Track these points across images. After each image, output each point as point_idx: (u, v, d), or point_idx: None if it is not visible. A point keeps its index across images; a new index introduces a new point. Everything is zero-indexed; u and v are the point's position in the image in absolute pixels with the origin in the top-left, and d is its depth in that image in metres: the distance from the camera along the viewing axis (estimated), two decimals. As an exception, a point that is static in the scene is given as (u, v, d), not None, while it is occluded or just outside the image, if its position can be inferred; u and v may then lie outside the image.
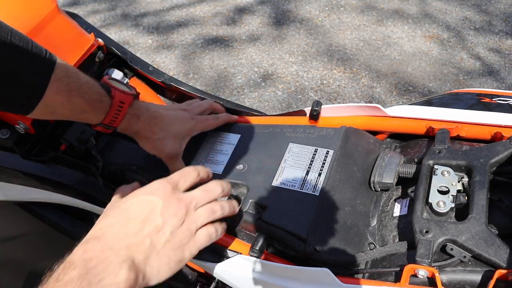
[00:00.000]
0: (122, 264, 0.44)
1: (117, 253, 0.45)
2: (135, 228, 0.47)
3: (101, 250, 0.44)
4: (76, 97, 0.60)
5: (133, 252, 0.46)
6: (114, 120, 0.64)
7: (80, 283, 0.40)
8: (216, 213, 0.54)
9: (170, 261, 0.49)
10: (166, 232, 0.49)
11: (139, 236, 0.47)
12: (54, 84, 0.58)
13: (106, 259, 0.44)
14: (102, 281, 0.42)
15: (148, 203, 0.50)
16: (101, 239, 0.46)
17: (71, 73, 0.60)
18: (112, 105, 0.63)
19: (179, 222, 0.50)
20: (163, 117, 0.68)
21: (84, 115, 0.62)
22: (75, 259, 0.43)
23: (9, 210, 0.85)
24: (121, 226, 0.47)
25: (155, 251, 0.48)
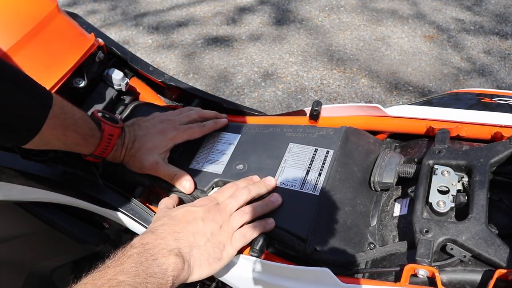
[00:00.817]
0: (170, 252, 0.53)
1: (167, 243, 0.55)
2: (182, 227, 0.58)
3: (155, 239, 0.54)
4: (70, 132, 0.64)
5: (180, 244, 0.56)
6: (104, 151, 0.70)
7: (139, 257, 0.51)
8: (248, 214, 0.62)
9: (209, 257, 0.57)
10: (207, 233, 0.58)
11: (185, 233, 0.57)
12: (50, 120, 0.61)
13: (159, 245, 0.54)
14: (156, 260, 0.51)
15: (192, 211, 0.60)
16: (154, 233, 0.56)
17: (67, 109, 0.64)
18: (102, 138, 0.68)
19: (217, 226, 0.60)
20: (141, 138, 0.73)
21: (77, 147, 0.67)
22: (135, 243, 0.53)
23: (9, 210, 0.85)
24: (170, 226, 0.58)
25: (197, 246, 0.57)
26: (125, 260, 0.50)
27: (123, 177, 0.76)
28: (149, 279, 0.49)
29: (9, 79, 0.57)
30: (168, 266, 0.52)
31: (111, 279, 0.46)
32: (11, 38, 0.69)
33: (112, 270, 0.48)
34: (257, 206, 0.64)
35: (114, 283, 0.46)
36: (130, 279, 0.47)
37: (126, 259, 0.50)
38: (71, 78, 0.77)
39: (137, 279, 0.48)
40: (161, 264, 0.51)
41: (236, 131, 0.79)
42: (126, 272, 0.48)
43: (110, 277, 0.47)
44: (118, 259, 0.50)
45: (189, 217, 0.59)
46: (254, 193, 0.65)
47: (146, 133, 0.74)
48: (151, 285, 0.49)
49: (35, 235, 0.92)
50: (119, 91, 0.87)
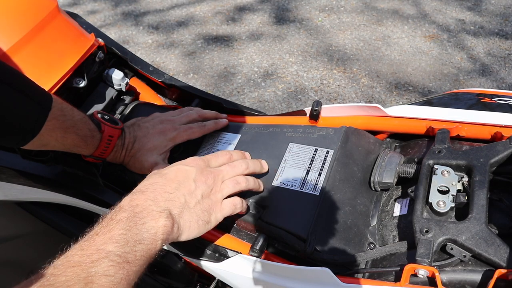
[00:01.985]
0: (161, 213, 0.52)
1: (157, 204, 0.53)
2: (173, 187, 0.56)
3: (144, 200, 0.53)
4: (70, 133, 0.64)
5: (170, 205, 0.54)
6: (104, 152, 0.70)
7: (129, 222, 0.49)
8: (240, 184, 0.62)
9: (199, 220, 0.57)
10: (198, 195, 0.57)
11: (175, 193, 0.56)
12: (50, 122, 0.61)
13: (149, 207, 0.52)
14: (145, 224, 0.50)
15: (184, 170, 0.59)
16: (144, 193, 0.54)
17: (66, 111, 0.64)
18: (102, 139, 0.68)
19: (208, 189, 0.59)
20: (141, 139, 0.73)
21: (76, 148, 0.67)
22: (124, 205, 0.52)
23: (9, 210, 0.85)
24: (161, 185, 0.56)
25: (188, 208, 0.56)
26: (114, 226, 0.49)
27: (123, 177, 0.76)
28: (137, 246, 0.48)
29: (7, 81, 0.57)
30: (158, 229, 0.51)
31: (99, 249, 0.45)
32: (11, 38, 0.69)
33: (101, 237, 0.47)
34: (251, 179, 0.63)
35: (102, 254, 0.45)
36: (119, 248, 0.46)
37: (115, 224, 0.49)
38: (71, 78, 0.77)
39: (125, 248, 0.47)
40: (150, 228, 0.50)
41: (236, 131, 0.79)
42: (114, 240, 0.47)
43: (98, 247, 0.46)
44: (106, 225, 0.49)
45: (181, 177, 0.58)
46: (251, 169, 0.65)
47: (146, 133, 0.74)
48: (139, 253, 0.48)
49: (35, 235, 0.92)
50: (119, 91, 0.87)
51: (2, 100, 0.56)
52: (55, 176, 0.75)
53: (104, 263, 0.44)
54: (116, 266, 0.45)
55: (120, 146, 0.72)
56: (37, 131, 0.60)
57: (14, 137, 0.60)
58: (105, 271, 0.44)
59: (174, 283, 0.90)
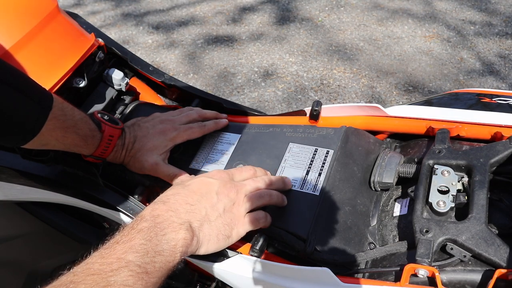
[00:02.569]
0: (181, 225, 0.52)
1: (178, 215, 0.53)
2: (195, 199, 0.56)
3: (166, 211, 0.53)
4: (70, 133, 0.64)
5: (191, 217, 0.54)
6: (104, 152, 0.70)
7: (149, 233, 0.49)
8: (264, 198, 0.62)
9: (219, 234, 0.57)
10: (219, 209, 0.57)
11: (197, 206, 0.56)
12: (50, 122, 0.61)
13: (170, 218, 0.52)
14: (166, 235, 0.50)
15: (207, 183, 0.59)
16: (166, 203, 0.54)
17: (67, 110, 0.64)
18: (102, 139, 0.68)
19: (231, 202, 0.59)
20: (141, 138, 0.73)
21: (77, 148, 0.67)
22: (146, 214, 0.52)
23: (9, 210, 0.85)
24: (183, 196, 0.56)
25: (208, 221, 0.56)
26: (135, 235, 0.49)
27: (123, 177, 0.76)
28: (157, 257, 0.48)
29: (8, 81, 0.57)
30: (178, 241, 0.51)
31: (119, 258, 0.45)
32: (11, 38, 0.69)
33: (122, 246, 0.47)
34: (274, 194, 0.63)
35: (122, 263, 0.45)
36: (139, 259, 0.46)
37: (136, 234, 0.49)
38: (71, 78, 0.77)
39: (145, 258, 0.47)
40: (171, 240, 0.50)
41: (236, 131, 0.79)
42: (135, 250, 0.47)
43: (118, 256, 0.46)
44: (128, 234, 0.49)
45: (204, 189, 0.58)
46: (275, 186, 0.64)
47: (146, 133, 0.74)
48: (158, 264, 0.48)
49: (35, 235, 0.92)
50: (119, 91, 0.87)
51: (2, 100, 0.56)
52: (55, 176, 0.75)
53: (123, 273, 0.44)
54: (135, 276, 0.45)
55: (120, 146, 0.72)
56: (37, 131, 0.60)
57: (14, 137, 0.60)
58: (124, 281, 0.44)
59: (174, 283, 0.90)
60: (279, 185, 0.65)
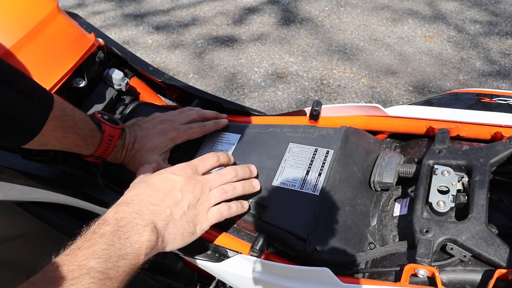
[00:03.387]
0: (145, 227, 0.52)
1: (142, 217, 0.53)
2: (159, 198, 0.55)
3: (129, 212, 0.52)
4: (71, 133, 0.64)
5: (155, 218, 0.54)
6: (104, 152, 0.70)
7: (112, 237, 0.48)
8: (227, 193, 0.62)
9: (184, 232, 0.56)
10: (184, 206, 0.57)
11: (161, 205, 0.55)
12: (51, 122, 0.61)
13: (134, 220, 0.52)
14: (129, 238, 0.50)
15: (171, 180, 0.58)
16: (129, 205, 0.54)
17: (67, 111, 0.64)
18: (102, 139, 0.68)
19: (195, 199, 0.58)
20: (141, 139, 0.73)
21: (77, 148, 0.67)
22: (109, 217, 0.51)
23: (9, 210, 0.85)
24: (147, 196, 0.55)
25: (173, 220, 0.55)
26: (97, 240, 0.47)
27: (123, 177, 0.76)
28: (120, 261, 0.47)
29: (8, 80, 0.57)
30: (142, 244, 0.50)
31: (81, 265, 0.44)
32: (11, 38, 0.69)
33: (83, 252, 0.46)
34: (238, 186, 0.63)
35: (84, 270, 0.44)
36: (101, 264, 0.45)
37: (98, 238, 0.48)
38: (71, 78, 0.77)
39: (108, 263, 0.46)
40: (134, 243, 0.50)
41: (236, 131, 0.79)
42: (97, 255, 0.46)
43: (79, 262, 0.44)
44: (90, 239, 0.48)
45: (167, 187, 0.57)
46: (240, 176, 0.64)
47: (146, 134, 0.74)
48: (122, 268, 0.47)
49: (35, 235, 0.92)
50: (119, 91, 0.87)
51: (2, 100, 0.56)
52: (55, 176, 0.75)
53: (85, 280, 0.43)
54: (97, 283, 0.44)
55: (120, 146, 0.72)
56: (37, 131, 0.60)
57: (14, 137, 0.60)
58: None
59: (174, 283, 0.90)
60: (245, 175, 0.65)
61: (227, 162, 0.67)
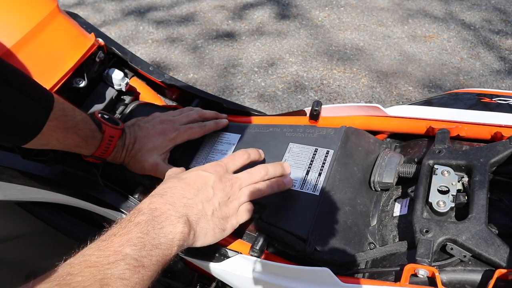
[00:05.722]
0: (179, 219, 0.52)
1: (176, 209, 0.53)
2: (191, 193, 0.56)
3: (163, 204, 0.53)
4: (71, 134, 0.64)
5: (188, 211, 0.55)
6: (104, 152, 0.70)
7: (147, 226, 0.49)
8: (257, 192, 0.62)
9: (215, 227, 0.57)
10: (215, 203, 0.58)
11: (194, 200, 0.56)
12: (51, 122, 0.61)
13: (168, 211, 0.52)
14: (163, 229, 0.50)
15: (203, 176, 0.59)
16: (163, 196, 0.54)
17: (68, 111, 0.64)
18: (102, 139, 0.68)
19: (226, 196, 0.59)
20: (141, 139, 0.73)
21: (77, 148, 0.67)
22: (143, 207, 0.52)
23: (9, 210, 0.85)
24: (180, 189, 0.56)
25: (205, 215, 0.56)
26: (132, 228, 0.49)
27: (123, 177, 0.76)
28: (154, 250, 0.48)
29: (8, 80, 0.57)
30: (175, 235, 0.51)
31: (117, 251, 0.45)
32: (11, 38, 0.69)
33: (119, 239, 0.47)
34: (269, 185, 0.63)
35: (119, 256, 0.45)
36: (136, 252, 0.46)
37: (133, 227, 0.49)
38: (71, 78, 0.77)
39: (142, 251, 0.47)
40: (168, 233, 0.50)
41: (236, 131, 0.79)
42: (132, 243, 0.47)
43: (115, 248, 0.46)
44: (125, 226, 0.49)
45: (199, 183, 0.58)
46: (271, 175, 0.64)
47: (146, 134, 0.74)
48: (155, 257, 0.48)
49: (35, 235, 0.92)
50: (119, 91, 0.87)
51: (3, 100, 0.56)
52: (55, 176, 0.75)
53: (120, 266, 0.44)
54: (132, 269, 0.45)
55: (120, 146, 0.72)
56: (38, 131, 0.60)
57: (14, 137, 0.60)
58: (121, 274, 0.44)
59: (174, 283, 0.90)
60: (277, 173, 0.65)
61: (258, 159, 0.67)
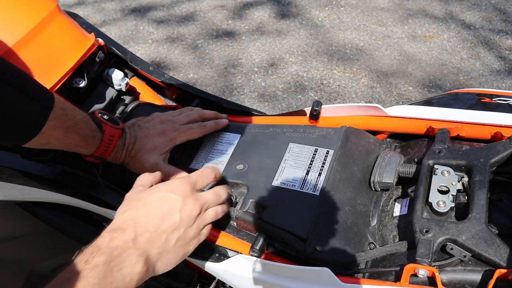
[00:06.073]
0: (139, 258, 0.51)
1: (137, 245, 0.52)
2: (155, 224, 0.54)
3: (124, 241, 0.51)
4: (71, 133, 0.64)
5: (150, 247, 0.53)
6: (104, 152, 0.69)
7: (105, 269, 0.47)
8: (219, 215, 0.62)
9: (177, 256, 0.56)
10: (181, 230, 0.56)
11: (157, 231, 0.54)
12: (51, 122, 0.61)
13: (128, 249, 0.50)
14: (122, 270, 0.49)
15: (169, 200, 0.56)
16: (125, 231, 0.52)
17: (68, 111, 0.64)
18: (103, 139, 0.68)
19: (192, 221, 0.57)
20: (141, 139, 0.72)
21: (77, 148, 0.67)
22: (103, 245, 0.50)
23: (9, 210, 0.85)
24: (143, 221, 0.54)
25: (168, 247, 0.55)
26: (88, 273, 0.46)
27: (123, 177, 0.76)
28: None
29: (8, 80, 0.57)
30: (133, 276, 0.49)
31: None
32: (11, 38, 0.69)
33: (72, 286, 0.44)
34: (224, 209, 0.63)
35: None
36: None
37: (90, 271, 0.46)
38: (71, 78, 0.77)
39: None
40: (126, 276, 0.49)
41: (236, 131, 0.79)
42: None
43: None
44: (81, 271, 0.46)
45: (165, 208, 0.55)
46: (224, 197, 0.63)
47: (146, 134, 0.73)
48: None
49: (35, 235, 0.92)
50: (119, 91, 0.87)
51: (2, 99, 0.56)
52: (55, 176, 0.75)
53: None
54: None
55: (120, 146, 0.72)
56: (38, 131, 0.60)
57: (14, 137, 0.60)
58: None
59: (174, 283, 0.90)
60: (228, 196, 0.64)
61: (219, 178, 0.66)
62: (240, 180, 0.70)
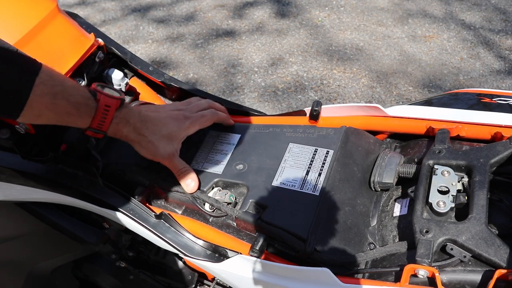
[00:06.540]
0: None
1: None
2: None
3: None
4: (60, 99, 0.61)
5: None
6: (102, 124, 0.66)
7: None
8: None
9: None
10: None
11: None
12: (38, 87, 0.59)
13: None
14: None
15: None
16: None
17: (56, 77, 0.62)
18: (97, 108, 0.65)
19: None
20: (154, 120, 0.70)
21: (70, 118, 0.64)
22: None
23: (9, 210, 0.85)
24: None
25: None
26: None
27: (123, 177, 0.76)
28: None
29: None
30: None
31: None
32: (11, 38, 0.68)
33: None
34: None
35: None
36: None
37: None
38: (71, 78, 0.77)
39: None
40: None
41: (236, 131, 0.79)
42: None
43: None
44: None
45: None
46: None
47: (158, 116, 0.71)
48: None
49: (35, 235, 0.92)
50: (119, 91, 0.87)
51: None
52: (55, 176, 0.75)
53: None
54: None
55: (122, 119, 0.68)
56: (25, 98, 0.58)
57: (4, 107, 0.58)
58: None
59: (174, 283, 0.90)
60: None
61: None
62: (240, 180, 0.70)
